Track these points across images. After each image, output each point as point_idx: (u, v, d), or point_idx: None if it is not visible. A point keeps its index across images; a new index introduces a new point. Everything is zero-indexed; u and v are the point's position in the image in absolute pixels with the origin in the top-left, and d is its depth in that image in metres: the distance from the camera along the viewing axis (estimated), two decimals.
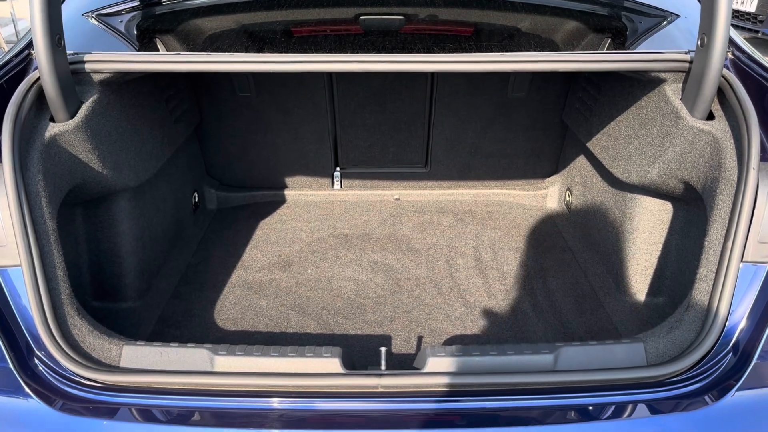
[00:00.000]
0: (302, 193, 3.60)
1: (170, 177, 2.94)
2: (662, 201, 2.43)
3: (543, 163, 3.51)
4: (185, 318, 2.60)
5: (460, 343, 2.46)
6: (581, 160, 3.14)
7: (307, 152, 3.42)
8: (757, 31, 8.30)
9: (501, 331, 2.52)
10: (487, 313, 2.63)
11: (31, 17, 1.83)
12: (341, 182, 3.58)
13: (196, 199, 3.32)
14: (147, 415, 1.69)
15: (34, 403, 1.69)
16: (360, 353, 2.39)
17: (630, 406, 1.71)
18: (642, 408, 1.71)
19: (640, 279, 2.52)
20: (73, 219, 2.38)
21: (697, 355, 1.73)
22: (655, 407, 1.71)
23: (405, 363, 2.32)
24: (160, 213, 2.79)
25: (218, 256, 3.08)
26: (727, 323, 1.76)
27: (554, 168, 3.53)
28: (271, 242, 3.19)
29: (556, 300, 2.72)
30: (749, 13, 8.40)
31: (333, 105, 3.25)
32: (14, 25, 5.95)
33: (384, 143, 3.42)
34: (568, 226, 3.26)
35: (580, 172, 3.15)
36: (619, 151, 2.53)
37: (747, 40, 2.30)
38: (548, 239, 3.22)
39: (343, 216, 3.44)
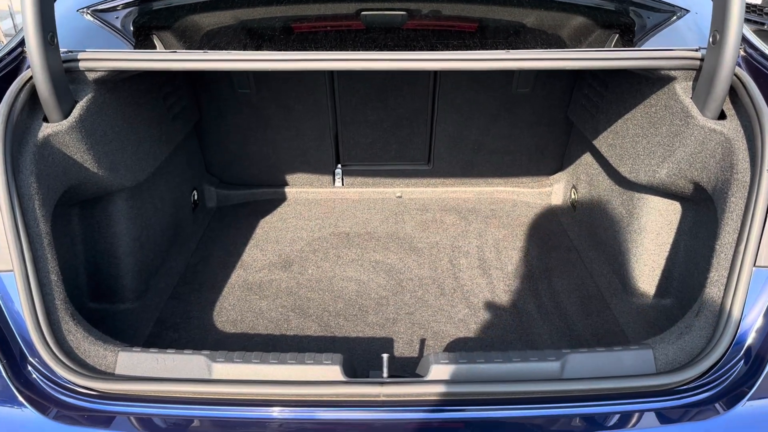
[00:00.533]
0: (303, 190, 3.55)
1: (169, 175, 2.89)
2: (670, 201, 2.38)
3: (548, 160, 3.45)
4: (183, 320, 2.56)
5: (463, 346, 2.42)
6: (587, 158, 3.08)
7: (307, 149, 3.37)
8: (762, 23, 8.20)
9: (505, 333, 2.48)
10: (491, 315, 2.58)
11: (23, 15, 1.78)
12: (343, 180, 3.53)
13: (196, 197, 3.28)
14: (143, 424, 1.65)
15: (28, 411, 1.64)
16: (361, 357, 2.35)
17: (639, 416, 1.66)
18: (651, 417, 1.67)
19: (647, 280, 2.47)
20: (69, 219, 2.33)
21: (708, 362, 1.68)
22: (664, 416, 1.66)
23: (407, 367, 2.28)
24: (158, 212, 2.75)
25: (218, 255, 3.03)
26: (738, 329, 1.71)
27: (559, 165, 3.47)
28: (271, 241, 3.14)
29: (562, 301, 2.67)
30: (755, 6, 8.30)
31: (334, 101, 3.20)
32: (12, 19, 5.89)
33: (386, 140, 3.37)
34: (573, 224, 3.21)
35: (585, 170, 3.09)
36: (626, 150, 2.47)
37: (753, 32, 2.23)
38: (553, 238, 3.17)
39: (344, 214, 3.39)
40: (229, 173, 3.50)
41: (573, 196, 3.28)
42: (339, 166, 3.48)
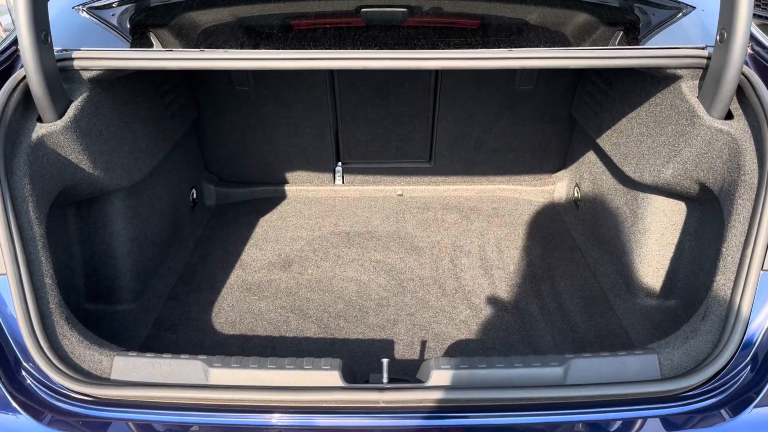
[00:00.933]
0: (303, 188, 3.52)
1: (167, 174, 2.85)
2: (675, 201, 2.35)
3: (550, 158, 3.41)
4: (182, 321, 2.53)
5: (464, 348, 2.39)
6: (590, 156, 3.04)
7: (307, 147, 3.33)
8: (767, 17, 8.13)
9: (507, 335, 2.45)
10: (493, 317, 2.55)
11: (15, 13, 1.75)
12: (343, 177, 3.49)
13: (194, 196, 3.24)
14: (140, 430, 1.63)
15: (22, 418, 1.62)
16: (361, 359, 2.32)
17: (643, 422, 1.63)
18: (655, 423, 1.64)
19: (651, 281, 2.44)
20: (65, 220, 2.30)
21: (715, 368, 1.65)
22: (669, 423, 1.64)
23: (408, 370, 2.25)
24: (156, 212, 2.72)
25: (217, 255, 3.00)
26: (745, 334, 1.68)
27: (562, 163, 3.43)
28: (271, 240, 3.11)
29: (565, 302, 2.64)
30: None
31: (334, 98, 3.16)
32: (10, 14, 5.86)
33: (387, 137, 3.33)
34: (576, 223, 3.17)
35: (589, 169, 3.05)
36: (631, 149, 2.43)
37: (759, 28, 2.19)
38: (556, 237, 3.13)
39: (345, 213, 3.36)
40: (228, 171, 3.47)
41: (576, 195, 3.25)
42: (339, 163, 3.44)
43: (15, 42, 2.03)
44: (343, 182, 3.50)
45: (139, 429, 1.63)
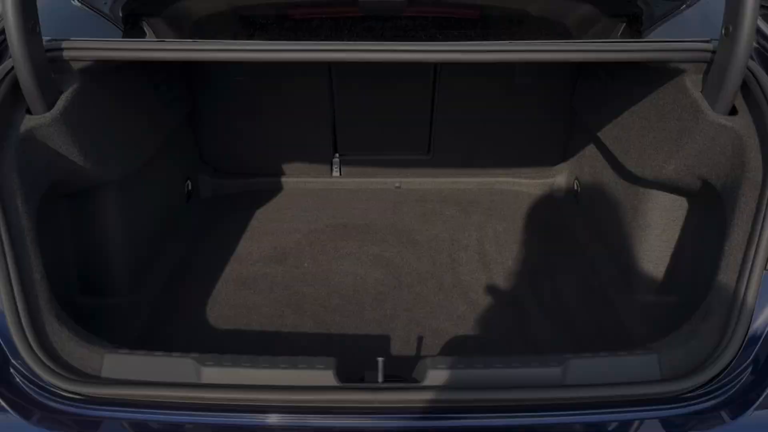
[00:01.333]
0: (300, 180, 3.48)
1: (161, 165, 2.81)
2: (677, 196, 2.31)
3: (550, 151, 3.37)
4: (176, 315, 2.51)
5: (462, 344, 2.37)
6: (591, 149, 3.01)
7: (305, 137, 3.29)
8: None
9: (506, 331, 2.42)
10: (491, 312, 2.53)
11: (2, 1, 1.70)
12: (340, 169, 3.45)
13: (189, 187, 3.20)
14: (130, 429, 1.60)
15: (11, 416, 1.59)
16: (357, 355, 2.29)
17: (643, 424, 1.61)
18: (655, 425, 1.62)
19: (651, 277, 2.42)
20: (56, 212, 2.26)
21: (715, 369, 1.63)
22: (668, 424, 1.62)
23: (404, 367, 2.21)
24: (150, 204, 2.68)
25: (211, 247, 2.97)
26: (747, 335, 1.65)
27: (562, 155, 3.39)
28: (266, 233, 3.07)
29: (564, 298, 2.62)
30: None
31: (332, 89, 3.11)
32: None
33: (385, 129, 3.29)
34: (575, 217, 3.14)
35: (589, 162, 3.02)
36: (632, 144, 2.40)
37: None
38: (555, 231, 3.10)
39: (342, 205, 3.32)
40: (224, 162, 3.43)
41: (576, 188, 3.21)
42: (337, 155, 3.40)
43: (2, 32, 1.98)
44: (341, 174, 3.47)
45: (131, 428, 1.60)
